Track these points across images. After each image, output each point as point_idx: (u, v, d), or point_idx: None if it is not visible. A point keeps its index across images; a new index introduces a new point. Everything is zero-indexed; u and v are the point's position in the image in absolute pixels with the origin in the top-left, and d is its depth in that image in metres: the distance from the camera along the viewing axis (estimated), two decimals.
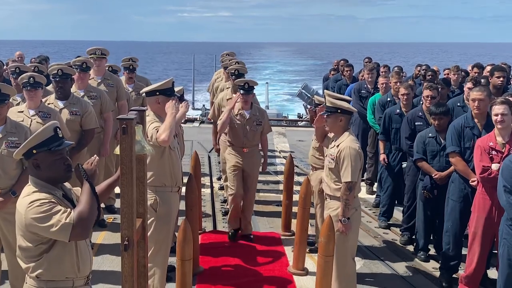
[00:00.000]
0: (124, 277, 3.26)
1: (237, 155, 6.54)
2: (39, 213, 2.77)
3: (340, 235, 4.69)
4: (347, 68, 10.92)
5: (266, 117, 6.73)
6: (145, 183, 3.56)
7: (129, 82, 8.08)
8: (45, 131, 2.91)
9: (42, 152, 2.89)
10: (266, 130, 6.79)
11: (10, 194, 4.54)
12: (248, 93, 6.44)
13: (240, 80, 6.69)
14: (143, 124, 3.56)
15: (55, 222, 2.75)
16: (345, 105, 4.82)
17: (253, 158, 6.60)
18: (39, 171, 2.91)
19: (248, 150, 6.53)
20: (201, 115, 16.49)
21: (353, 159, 4.67)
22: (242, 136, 6.49)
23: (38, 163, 2.90)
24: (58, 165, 2.93)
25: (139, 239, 3.46)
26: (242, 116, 6.50)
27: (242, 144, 6.52)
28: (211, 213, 7.47)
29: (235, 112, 6.49)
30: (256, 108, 6.67)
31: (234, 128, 6.53)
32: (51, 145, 2.90)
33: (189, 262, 4.41)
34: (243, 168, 6.52)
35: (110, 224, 6.89)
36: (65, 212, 2.79)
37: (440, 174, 5.77)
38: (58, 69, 5.92)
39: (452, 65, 9.24)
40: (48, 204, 2.80)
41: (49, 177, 2.92)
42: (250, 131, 6.49)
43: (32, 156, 2.90)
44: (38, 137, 2.89)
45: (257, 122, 6.55)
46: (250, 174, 6.57)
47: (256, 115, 6.56)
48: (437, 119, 5.85)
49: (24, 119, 5.32)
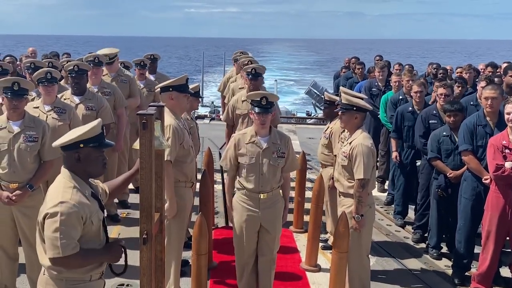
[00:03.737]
0: (142, 270, 3.30)
1: (251, 204, 4.65)
2: (59, 226, 2.82)
3: (354, 232, 4.72)
4: (358, 66, 10.96)
5: (291, 146, 4.78)
6: (163, 178, 3.60)
7: (140, 78, 8.08)
8: (97, 127, 2.98)
9: (88, 147, 2.95)
10: (274, 121, 5.47)
11: (27, 187, 4.60)
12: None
13: (248, 66, 6.56)
14: (161, 119, 3.60)
15: (61, 243, 2.81)
16: (361, 103, 4.84)
17: (274, 207, 4.71)
18: (78, 164, 2.96)
19: (266, 196, 4.65)
20: (210, 112, 16.51)
21: (366, 156, 4.68)
22: (258, 176, 4.60)
23: (80, 156, 2.95)
24: (99, 161, 3.03)
25: (156, 233, 3.51)
26: (257, 145, 4.62)
27: (258, 187, 4.61)
28: (223, 209, 7.50)
29: (247, 140, 4.65)
30: (277, 134, 4.73)
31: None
32: (99, 142, 2.98)
33: (205, 257, 4.44)
34: (260, 222, 4.69)
35: (124, 218, 6.96)
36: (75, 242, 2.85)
37: (454, 173, 5.77)
38: (74, 65, 5.99)
39: (465, 64, 9.25)
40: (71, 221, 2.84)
41: (86, 171, 3.00)
42: (269, 168, 4.60)
43: (76, 149, 2.94)
44: (90, 132, 2.95)
45: (279, 153, 4.64)
46: (269, 230, 4.70)
47: (277, 143, 4.65)
48: (452, 115, 5.84)
49: (39, 115, 5.37)
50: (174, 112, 4.71)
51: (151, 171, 3.25)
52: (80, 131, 2.95)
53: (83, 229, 2.91)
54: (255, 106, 4.57)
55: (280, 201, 4.77)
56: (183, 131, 4.73)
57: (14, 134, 4.61)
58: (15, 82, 4.60)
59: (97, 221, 3.00)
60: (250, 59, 8.23)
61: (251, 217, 4.64)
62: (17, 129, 4.63)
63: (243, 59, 8.36)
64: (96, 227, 3.00)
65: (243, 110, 6.69)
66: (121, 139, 6.79)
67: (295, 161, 4.91)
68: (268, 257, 4.78)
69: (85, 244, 2.93)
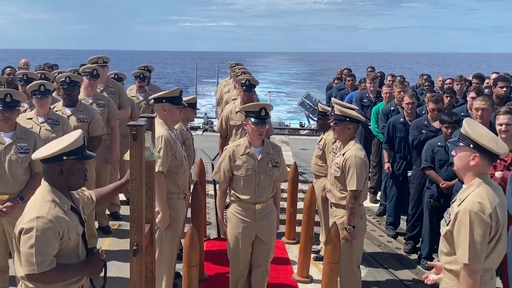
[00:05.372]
0: (132, 282, 3.29)
1: (246, 216, 4.64)
2: (34, 242, 2.76)
3: (346, 243, 4.72)
4: (349, 78, 11.05)
5: (282, 156, 4.83)
6: (154, 189, 3.60)
7: (140, 90, 8.08)
8: (79, 139, 2.94)
9: (71, 159, 2.91)
10: (268, 132, 5.53)
11: (18, 199, 4.59)
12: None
13: (241, 77, 6.61)
14: (152, 131, 3.60)
15: (36, 259, 2.75)
16: (353, 114, 4.86)
17: (269, 217, 4.72)
18: (60, 176, 2.91)
19: (261, 206, 4.64)
20: (203, 124, 16.54)
21: (359, 167, 4.70)
22: (254, 187, 4.59)
23: (63, 169, 2.90)
24: (81, 173, 2.98)
25: (147, 244, 3.50)
26: (252, 156, 4.62)
27: (255, 198, 4.60)
28: (215, 221, 7.49)
29: (241, 151, 4.65)
30: (269, 144, 4.76)
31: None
32: (82, 154, 2.94)
33: (196, 268, 4.43)
34: (255, 233, 4.68)
35: (115, 230, 6.93)
36: (50, 258, 2.80)
37: (447, 183, 5.80)
38: (66, 76, 5.99)
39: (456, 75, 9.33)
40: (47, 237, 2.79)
41: (68, 184, 2.95)
42: (265, 178, 4.61)
43: (60, 162, 2.89)
44: (73, 144, 2.90)
45: (273, 163, 4.66)
46: (265, 241, 4.71)
47: (271, 153, 4.69)
48: (450, 127, 5.86)
49: (33, 126, 5.37)
50: (167, 123, 4.72)
51: (142, 182, 3.25)
52: (63, 143, 2.90)
53: (61, 244, 2.85)
54: (252, 117, 4.56)
55: (274, 211, 4.78)
56: (175, 142, 4.73)
57: (5, 146, 4.61)
58: (8, 93, 4.61)
59: (75, 236, 2.93)
60: (244, 70, 8.27)
61: (247, 229, 4.62)
62: (8, 141, 4.63)
63: (237, 71, 8.41)
64: (74, 242, 2.93)
65: (236, 121, 6.71)
66: (114, 151, 6.79)
67: (286, 171, 4.96)
68: (263, 268, 4.77)
69: (63, 259, 2.87)
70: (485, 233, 3.03)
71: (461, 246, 3.04)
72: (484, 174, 3.17)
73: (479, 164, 3.12)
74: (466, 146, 3.15)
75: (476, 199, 3.06)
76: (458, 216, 3.07)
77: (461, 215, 3.05)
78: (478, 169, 3.14)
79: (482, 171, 3.15)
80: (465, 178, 3.22)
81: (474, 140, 3.11)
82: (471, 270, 3.05)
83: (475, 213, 3.01)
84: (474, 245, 3.01)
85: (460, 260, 3.06)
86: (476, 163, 3.12)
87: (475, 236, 3.01)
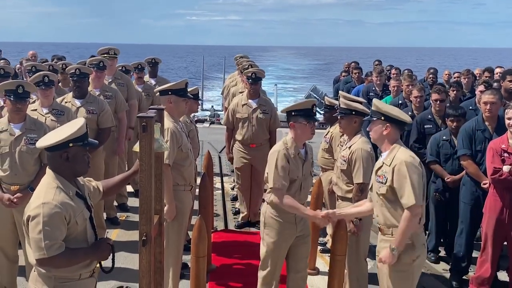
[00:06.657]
0: (142, 273, 3.31)
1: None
2: (42, 227, 2.85)
3: (352, 235, 4.73)
4: (355, 71, 11.04)
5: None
6: (162, 180, 3.63)
7: (139, 82, 8.05)
8: (83, 127, 3.02)
9: (76, 146, 2.99)
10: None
11: (28, 190, 4.61)
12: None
13: (248, 70, 6.73)
14: (161, 122, 3.63)
15: (45, 244, 2.84)
16: (359, 107, 4.86)
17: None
18: (66, 163, 2.99)
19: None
20: (210, 116, 16.56)
21: (365, 160, 4.70)
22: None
23: (69, 155, 2.99)
24: (85, 160, 3.07)
25: (156, 235, 3.53)
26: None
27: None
28: (222, 213, 7.53)
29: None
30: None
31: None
32: (86, 140, 3.03)
33: (203, 259, 4.46)
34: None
35: (123, 222, 6.98)
36: (59, 242, 2.88)
37: (452, 177, 5.80)
38: (76, 68, 6.02)
39: (463, 69, 9.30)
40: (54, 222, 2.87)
41: (73, 170, 3.03)
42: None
43: (65, 149, 2.97)
44: (78, 131, 2.98)
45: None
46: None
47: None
48: (455, 121, 5.85)
49: (38, 117, 5.38)
50: (172, 115, 4.74)
51: (151, 173, 3.27)
52: (70, 131, 2.98)
53: (68, 229, 2.94)
54: (303, 116, 4.30)
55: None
56: (181, 134, 4.75)
57: (15, 137, 4.65)
58: (20, 85, 4.65)
59: (82, 221, 3.01)
60: (250, 63, 8.26)
61: (289, 234, 4.36)
62: (18, 132, 4.67)
63: (243, 63, 8.39)
64: (81, 227, 3.02)
65: (243, 114, 6.73)
66: (122, 143, 6.82)
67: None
68: (304, 273, 4.57)
69: (72, 244, 2.95)
70: (420, 179, 3.62)
71: (406, 192, 3.58)
72: (396, 141, 3.77)
73: (391, 132, 3.76)
74: (379, 119, 3.76)
75: (406, 153, 3.69)
76: (395, 170, 3.62)
77: (398, 167, 3.62)
78: (391, 137, 3.76)
79: (394, 138, 3.78)
80: (382, 146, 3.82)
81: (384, 113, 3.74)
82: (414, 211, 3.59)
83: (410, 162, 3.62)
84: (415, 189, 3.57)
85: (407, 203, 3.58)
86: (388, 132, 3.75)
87: (413, 181, 3.58)
